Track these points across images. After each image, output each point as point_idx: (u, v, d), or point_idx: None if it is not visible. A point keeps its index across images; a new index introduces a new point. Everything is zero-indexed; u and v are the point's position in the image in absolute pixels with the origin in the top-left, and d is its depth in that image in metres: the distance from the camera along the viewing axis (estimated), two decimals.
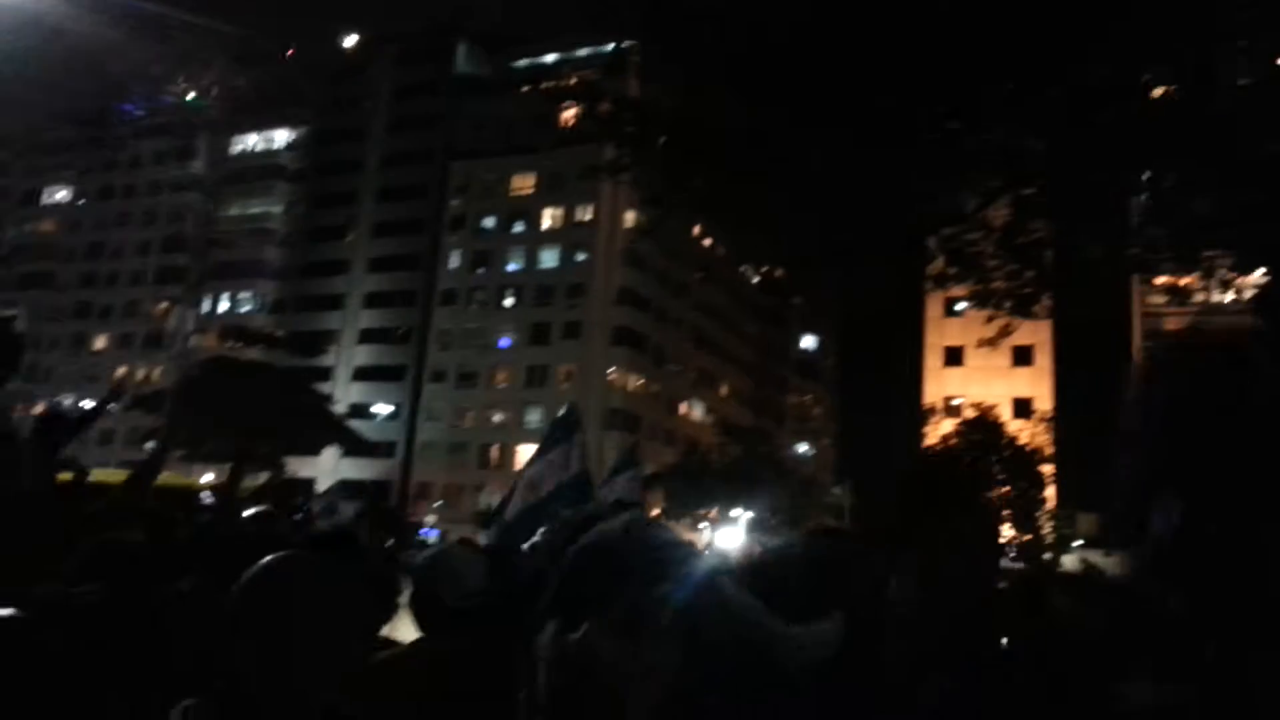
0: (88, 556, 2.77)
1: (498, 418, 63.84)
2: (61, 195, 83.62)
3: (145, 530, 3.70)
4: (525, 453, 61.35)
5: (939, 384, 54.84)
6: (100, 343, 77.94)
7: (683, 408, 69.21)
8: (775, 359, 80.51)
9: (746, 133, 8.01)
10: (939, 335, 55.56)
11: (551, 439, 7.31)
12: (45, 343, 78.31)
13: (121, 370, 75.05)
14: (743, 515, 44.26)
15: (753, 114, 7.96)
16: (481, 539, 7.87)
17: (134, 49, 74.16)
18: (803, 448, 77.85)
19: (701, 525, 46.46)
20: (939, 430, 44.00)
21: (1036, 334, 48.49)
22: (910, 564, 1.86)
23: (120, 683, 1.82)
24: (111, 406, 6.50)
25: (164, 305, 75.36)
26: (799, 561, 1.81)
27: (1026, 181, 9.58)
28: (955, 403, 49.71)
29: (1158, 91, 7.95)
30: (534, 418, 62.33)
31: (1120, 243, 9.97)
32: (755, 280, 66.05)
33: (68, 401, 71.49)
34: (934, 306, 52.28)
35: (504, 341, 65.38)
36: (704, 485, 47.45)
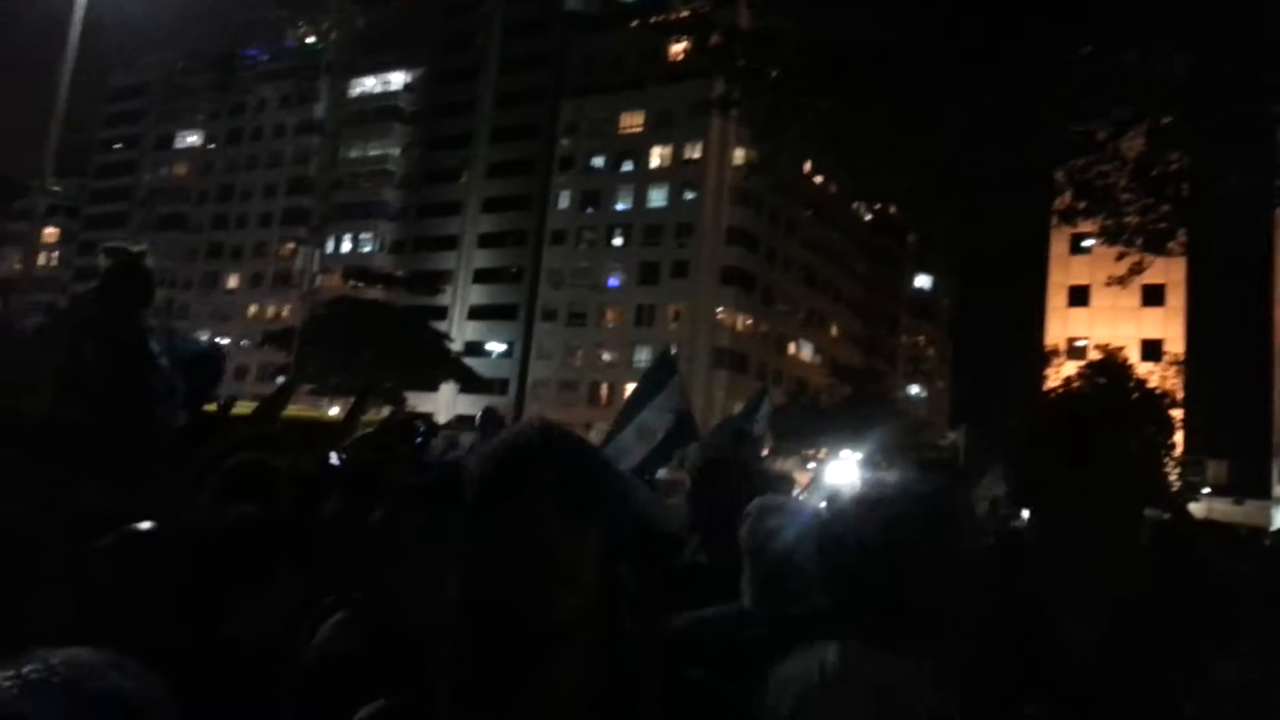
0: (234, 476, 2.82)
1: (607, 356, 64.59)
2: (193, 140, 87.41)
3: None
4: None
5: (1062, 324, 52.81)
6: (232, 282, 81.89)
7: (791, 348, 68.59)
8: (887, 299, 78.74)
9: (870, 52, 7.76)
10: (1064, 273, 53.34)
11: (654, 383, 7.43)
12: (181, 282, 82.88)
13: (252, 308, 78.96)
14: (852, 456, 43.89)
15: (879, 30, 7.70)
16: None
17: None
18: (915, 390, 76.44)
19: (809, 465, 46.30)
20: (1061, 373, 42.52)
21: (1169, 272, 46.02)
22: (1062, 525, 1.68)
23: (269, 600, 1.94)
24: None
25: (290, 246, 78.52)
26: (910, 497, 1.74)
27: (1163, 109, 9.06)
28: (1079, 344, 47.85)
29: None
30: (642, 357, 62.84)
31: (1264, 175, 9.36)
32: (868, 217, 64.49)
33: (205, 337, 75.70)
34: (1059, 243, 50.14)
35: (613, 281, 65.81)
36: (813, 425, 47.16)
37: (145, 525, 1.96)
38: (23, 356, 3.93)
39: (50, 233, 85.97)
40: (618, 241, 66.14)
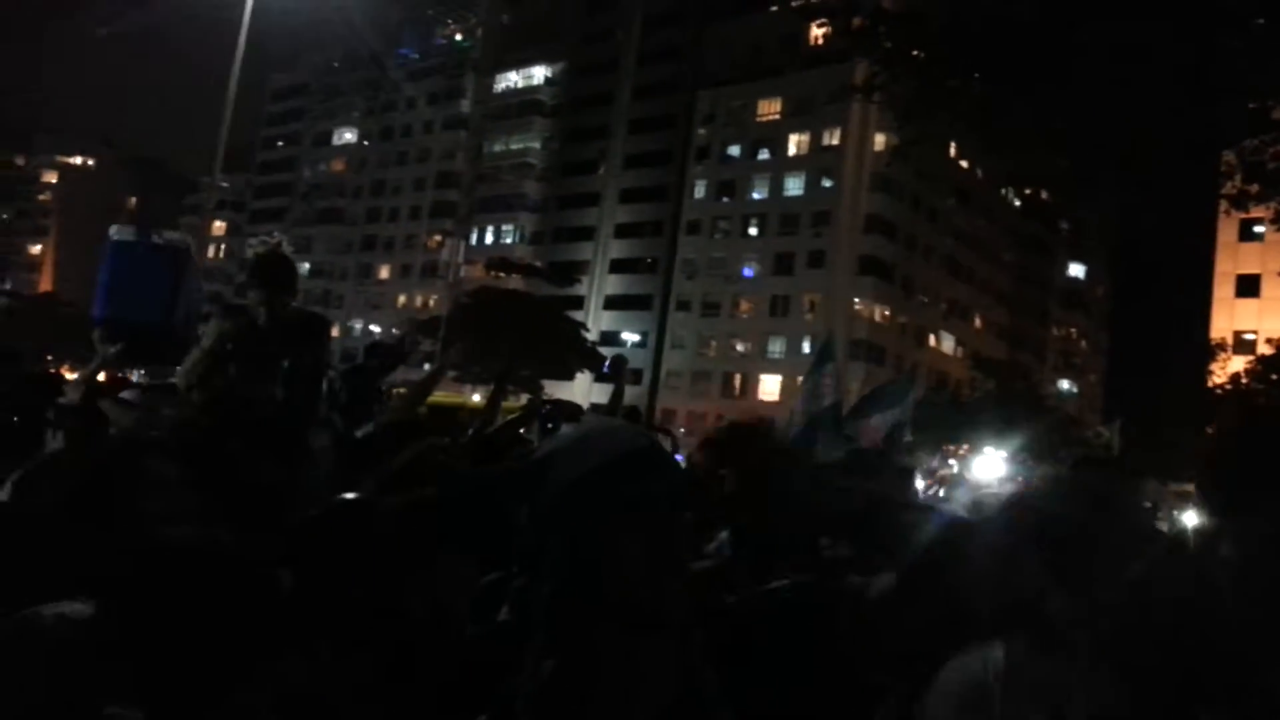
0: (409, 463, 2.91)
1: (741, 347, 64.32)
2: (349, 137, 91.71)
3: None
4: (767, 382, 61.69)
5: (1229, 316, 49.33)
6: (384, 273, 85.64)
7: (932, 340, 66.60)
8: (1036, 289, 75.37)
9: (1026, 27, 7.47)
10: (1232, 262, 49.79)
11: (812, 367, 7.38)
12: (337, 273, 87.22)
13: (401, 298, 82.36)
14: (996, 453, 42.35)
15: (1030, 6, 7.41)
16: None
17: None
18: (1065, 384, 73.02)
19: (950, 461, 44.92)
20: (1228, 368, 39.79)
21: None
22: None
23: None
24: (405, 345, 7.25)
25: (437, 238, 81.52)
26: (1070, 494, 1.66)
27: None
28: (1248, 338, 44.65)
29: None
30: (776, 348, 62.29)
31: None
32: (1016, 204, 61.88)
33: (358, 325, 79.51)
34: (1227, 230, 46.84)
35: (748, 271, 65.44)
36: (954, 420, 45.69)
37: (351, 497, 2.12)
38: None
39: (219, 226, 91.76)
40: (753, 231, 65.72)
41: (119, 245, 4.50)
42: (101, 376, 4.18)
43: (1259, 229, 39.22)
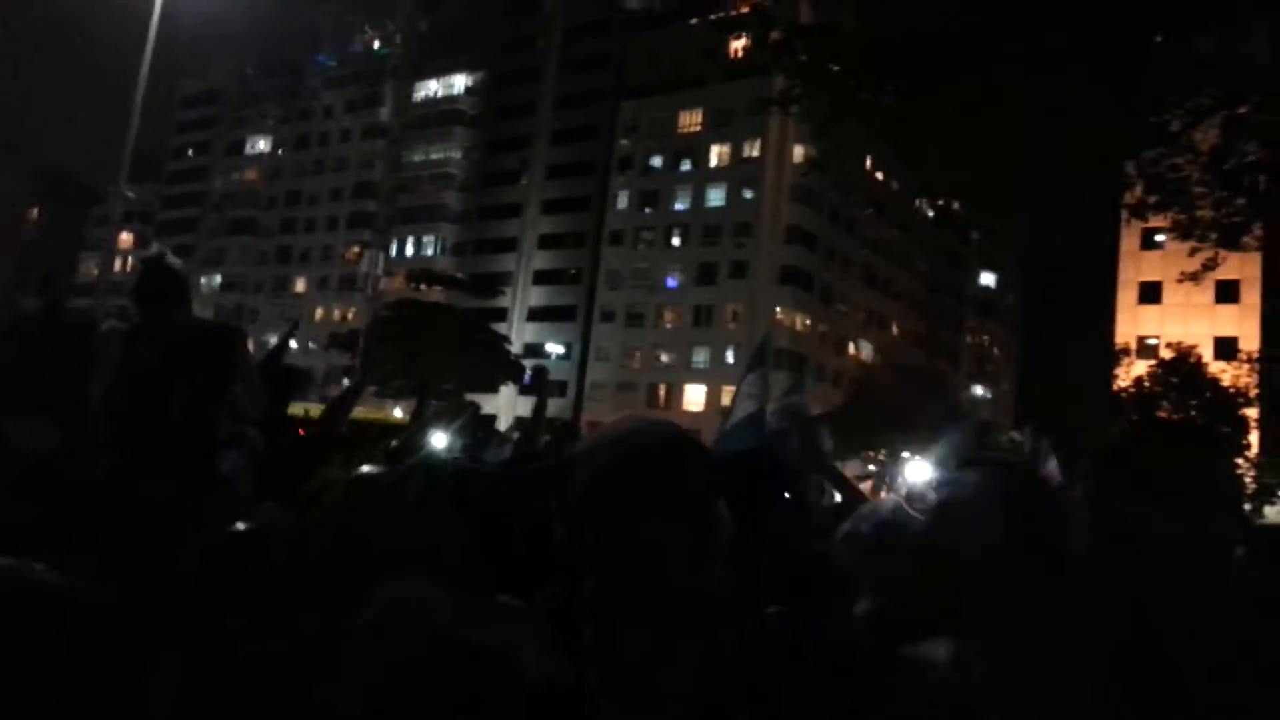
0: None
1: (665, 358, 64.62)
2: (262, 146, 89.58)
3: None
4: (692, 392, 62.11)
5: (1133, 322, 51.43)
6: (300, 285, 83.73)
7: (851, 348, 67.91)
8: (950, 297, 77.51)
9: (934, 42, 7.66)
10: (1134, 270, 51.95)
11: (748, 369, 7.39)
12: (251, 285, 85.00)
13: (319, 311, 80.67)
14: (913, 458, 43.30)
15: (942, 19, 7.59)
16: None
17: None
18: (979, 390, 75.16)
19: (870, 466, 45.79)
20: (1131, 372, 41.45)
21: (1244, 268, 44.50)
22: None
23: None
24: (292, 342, 7.00)
25: (356, 249, 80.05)
26: (987, 494, 1.67)
27: (1239, 99, 8.79)
28: (1151, 342, 46.60)
29: None
30: (700, 358, 62.76)
31: None
32: (930, 214, 63.58)
33: (273, 340, 77.52)
34: (1130, 239, 48.86)
35: (671, 281, 65.83)
36: (873, 426, 46.61)
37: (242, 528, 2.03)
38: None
39: (126, 238, 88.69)
40: (676, 242, 66.16)
41: (23, 317, 4.29)
42: None
43: (1159, 238, 41.00)
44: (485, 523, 2.03)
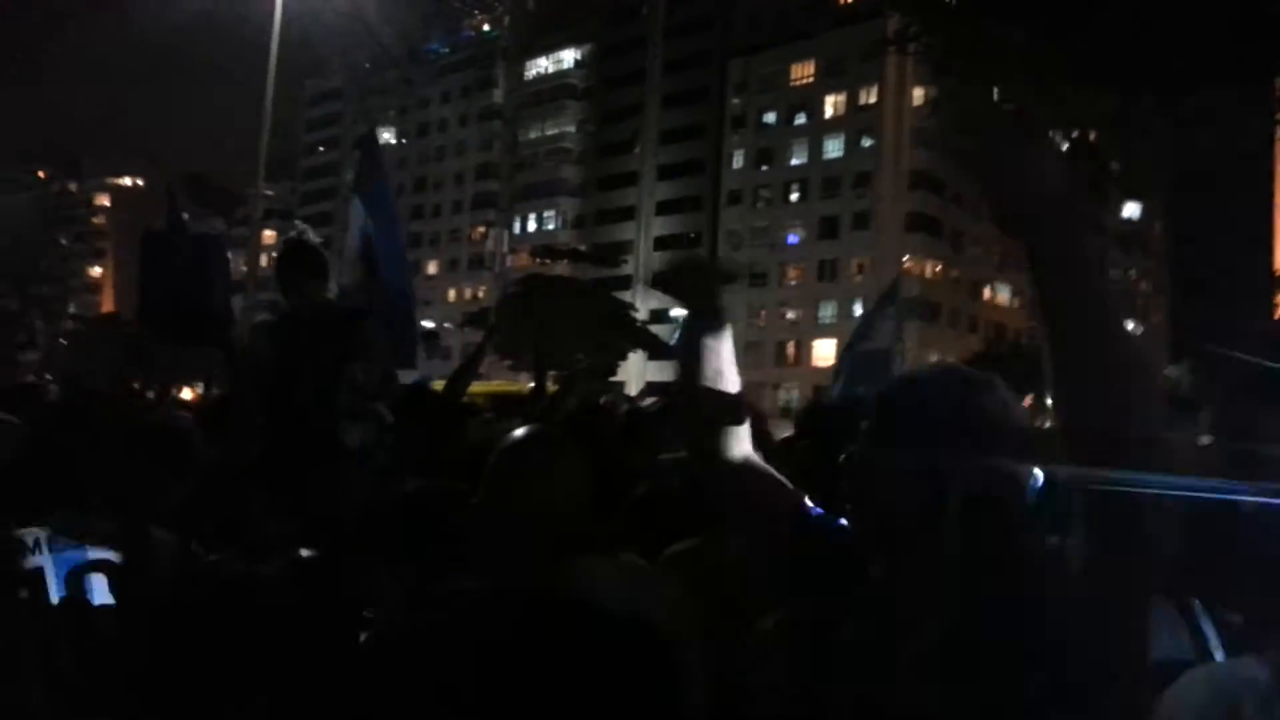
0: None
1: (791, 315, 63.85)
2: (386, 137, 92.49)
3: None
4: (821, 347, 61.15)
5: None
6: (432, 268, 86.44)
7: (986, 292, 65.46)
8: (1091, 231, 73.54)
9: None
10: None
11: (874, 307, 7.33)
12: None
13: (451, 292, 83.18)
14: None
15: None
16: None
17: None
18: (1128, 326, 71.38)
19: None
20: None
21: None
22: None
23: None
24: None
25: (481, 229, 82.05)
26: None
27: None
28: None
29: None
30: (828, 313, 61.74)
31: None
32: (1065, 146, 60.38)
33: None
34: None
35: (792, 238, 64.84)
36: (1014, 373, 44.88)
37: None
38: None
39: (269, 235, 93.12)
40: (794, 197, 65.04)
41: (151, 238, 4.66)
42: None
43: None
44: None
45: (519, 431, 1.74)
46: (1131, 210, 76.68)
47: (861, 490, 1.46)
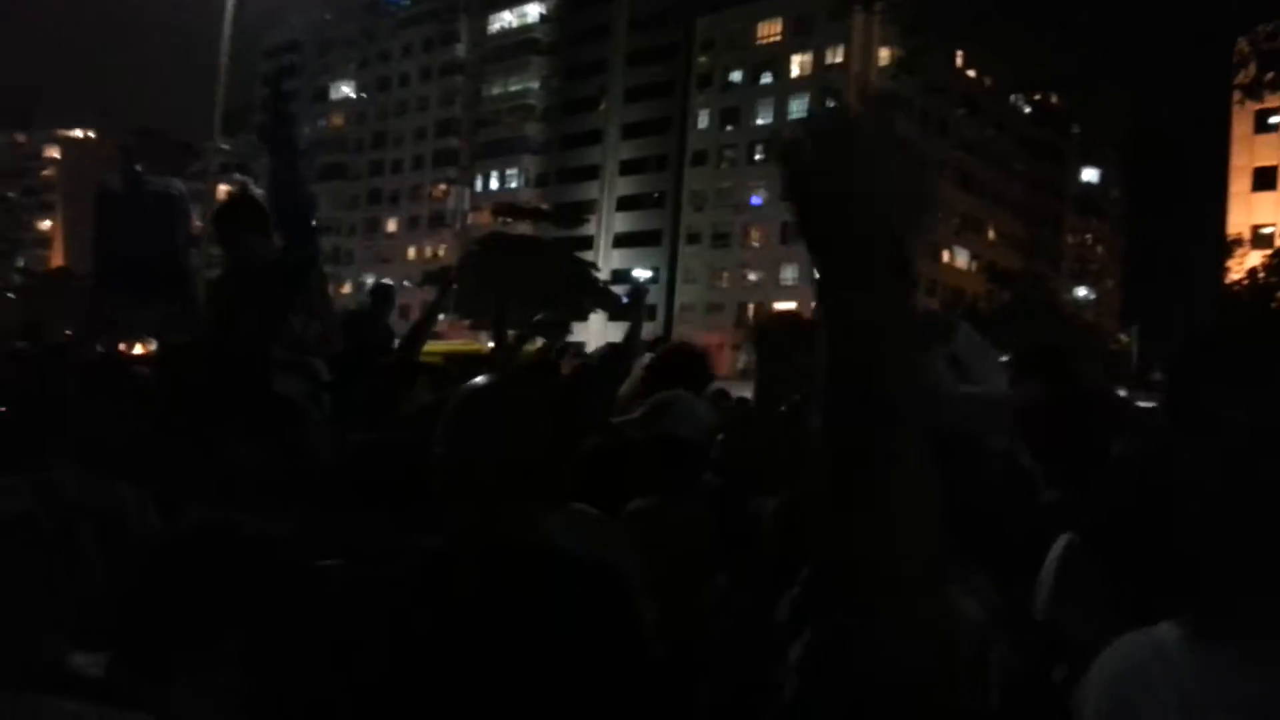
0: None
1: (753, 276, 64.01)
2: (346, 91, 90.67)
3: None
4: (782, 310, 61.49)
5: (1246, 211, 48.60)
6: (391, 226, 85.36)
7: (945, 255, 66.03)
8: (1049, 197, 74.33)
9: None
10: (1248, 155, 48.90)
11: None
12: (345, 228, 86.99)
13: (411, 250, 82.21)
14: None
15: None
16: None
17: None
18: (1082, 292, 72.52)
19: None
20: (1245, 264, 39.36)
21: None
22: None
23: None
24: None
25: (442, 187, 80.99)
26: None
27: None
28: (1265, 231, 44.05)
29: None
30: (789, 274, 61.93)
31: None
32: (1027, 110, 60.76)
33: (369, 280, 79.63)
34: (1241, 123, 45.91)
35: (756, 199, 64.78)
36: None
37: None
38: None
39: (224, 189, 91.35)
40: (759, 158, 64.87)
41: (106, 196, 4.56)
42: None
43: (1275, 119, 38.43)
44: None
45: (474, 381, 1.73)
46: (1091, 175, 77.60)
47: None
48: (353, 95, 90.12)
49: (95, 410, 2.33)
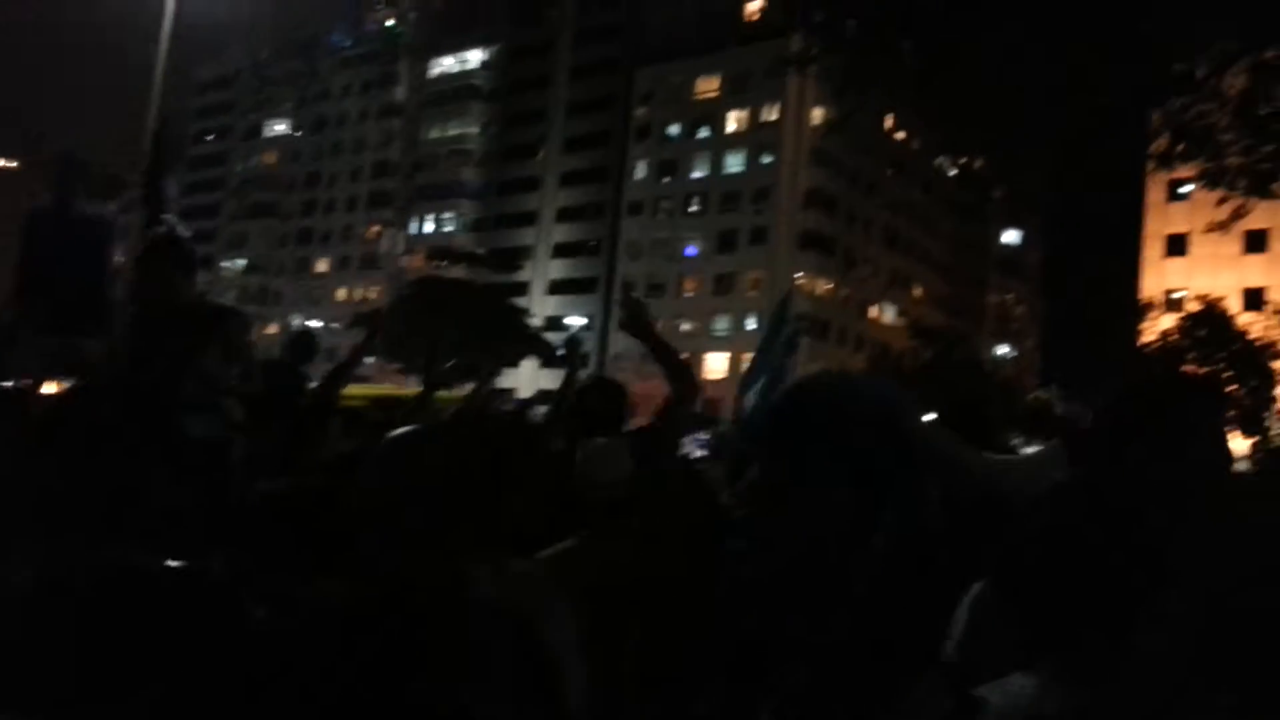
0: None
1: (686, 326, 64.46)
2: (281, 128, 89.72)
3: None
4: (714, 360, 61.96)
5: (1159, 276, 50.73)
6: (322, 266, 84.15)
7: (873, 311, 67.52)
8: (973, 257, 76.78)
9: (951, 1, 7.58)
10: (1161, 222, 51.17)
11: (773, 331, 7.42)
12: (274, 268, 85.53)
13: (341, 292, 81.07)
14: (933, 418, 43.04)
15: None
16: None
17: None
18: (1003, 350, 74.61)
19: None
20: (1158, 326, 40.95)
21: (1274, 216, 43.70)
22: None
23: None
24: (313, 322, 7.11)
25: (376, 228, 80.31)
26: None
27: (1268, 42, 8.64)
28: (1177, 296, 46.00)
29: None
30: (722, 325, 62.63)
31: None
32: (952, 173, 62.86)
33: (296, 321, 78.22)
34: (1155, 191, 48.14)
35: (690, 250, 65.57)
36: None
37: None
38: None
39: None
40: (695, 209, 65.83)
41: (36, 217, 4.43)
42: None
43: (1186, 189, 40.33)
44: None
45: (401, 430, 1.70)
46: (1012, 237, 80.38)
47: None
48: (288, 132, 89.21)
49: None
